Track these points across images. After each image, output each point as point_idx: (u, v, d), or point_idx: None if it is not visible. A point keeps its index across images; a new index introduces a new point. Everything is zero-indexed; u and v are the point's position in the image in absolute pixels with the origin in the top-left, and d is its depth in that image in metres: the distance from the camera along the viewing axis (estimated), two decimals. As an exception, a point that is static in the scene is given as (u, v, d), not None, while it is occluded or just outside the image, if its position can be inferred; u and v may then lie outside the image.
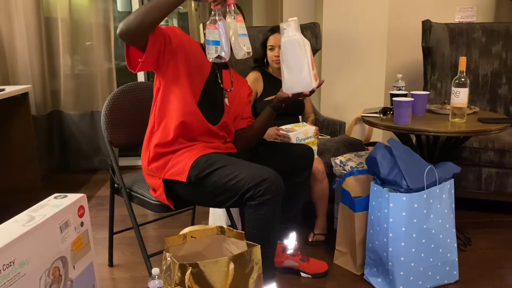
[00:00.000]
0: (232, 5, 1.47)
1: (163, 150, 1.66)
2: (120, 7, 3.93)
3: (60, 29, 3.31)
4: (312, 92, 1.61)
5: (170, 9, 1.48)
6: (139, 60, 1.55)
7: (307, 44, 1.58)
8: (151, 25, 1.48)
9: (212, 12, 1.46)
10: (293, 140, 2.07)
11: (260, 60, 2.43)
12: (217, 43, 1.46)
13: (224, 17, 1.48)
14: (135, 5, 3.56)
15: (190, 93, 1.65)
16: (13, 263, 1.00)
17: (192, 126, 1.67)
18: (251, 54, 1.51)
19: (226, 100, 1.78)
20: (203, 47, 1.67)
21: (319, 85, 1.65)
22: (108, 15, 3.40)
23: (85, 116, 3.48)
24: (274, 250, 1.65)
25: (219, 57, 1.48)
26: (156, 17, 1.47)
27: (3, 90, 2.47)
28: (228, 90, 1.80)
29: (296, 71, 1.56)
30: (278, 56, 2.28)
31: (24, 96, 2.64)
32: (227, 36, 1.47)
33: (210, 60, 1.49)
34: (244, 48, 1.48)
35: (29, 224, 1.09)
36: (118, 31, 1.48)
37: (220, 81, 1.77)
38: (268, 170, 1.52)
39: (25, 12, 3.18)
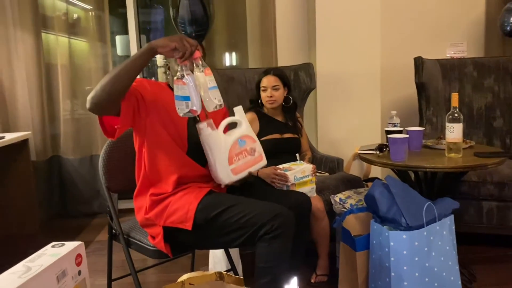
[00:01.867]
0: (198, 58, 1.46)
1: (160, 197, 1.65)
2: (119, 51, 4.03)
3: (60, 75, 3.38)
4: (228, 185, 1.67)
5: (136, 72, 1.44)
6: (116, 126, 1.52)
7: (229, 137, 1.64)
8: (120, 93, 1.45)
9: (179, 68, 1.44)
10: (291, 179, 2.08)
11: (255, 101, 2.47)
12: (187, 98, 1.44)
13: (192, 71, 1.46)
14: (134, 49, 3.64)
15: (176, 144, 1.65)
16: (9, 317, 0.98)
17: (189, 175, 1.68)
18: (222, 106, 1.51)
19: None
20: (170, 87, 1.68)
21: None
22: (107, 60, 3.47)
23: (84, 161, 3.49)
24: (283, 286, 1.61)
25: (190, 112, 1.46)
26: (124, 83, 1.44)
27: (3, 137, 2.49)
28: None
29: (213, 163, 1.62)
30: (271, 97, 2.35)
31: (24, 142, 2.66)
32: (197, 90, 1.45)
33: (181, 115, 1.47)
34: (215, 101, 1.48)
35: (25, 275, 1.07)
36: (88, 106, 1.44)
37: (198, 119, 1.75)
38: (278, 205, 1.53)
39: (26, 59, 3.25)
